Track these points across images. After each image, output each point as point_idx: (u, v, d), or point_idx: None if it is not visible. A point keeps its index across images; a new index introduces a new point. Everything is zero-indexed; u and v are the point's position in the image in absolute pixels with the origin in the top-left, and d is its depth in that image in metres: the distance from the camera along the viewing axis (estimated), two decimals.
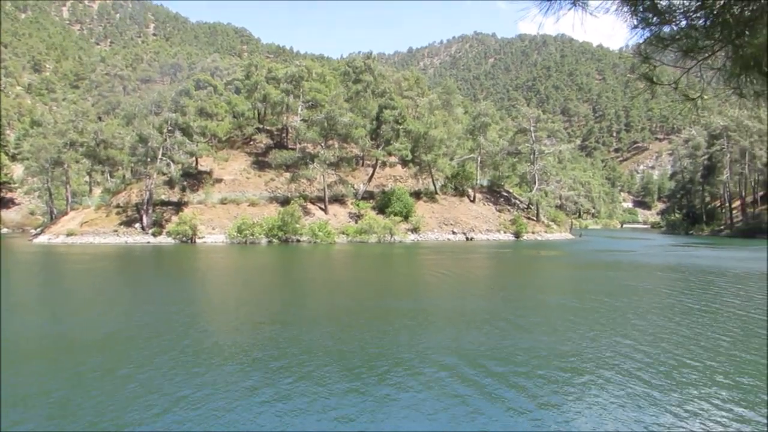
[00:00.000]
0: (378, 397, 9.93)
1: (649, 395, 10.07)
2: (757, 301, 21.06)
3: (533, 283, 30.36)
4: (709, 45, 3.35)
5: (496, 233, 70.78)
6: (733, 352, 13.24)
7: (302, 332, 15.21)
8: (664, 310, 19.50)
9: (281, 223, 57.80)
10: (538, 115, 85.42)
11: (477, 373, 11.44)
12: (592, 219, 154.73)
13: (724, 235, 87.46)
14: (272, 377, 11.07)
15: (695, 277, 30.45)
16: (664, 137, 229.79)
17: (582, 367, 11.97)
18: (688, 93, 3.75)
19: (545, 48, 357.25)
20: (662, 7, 3.37)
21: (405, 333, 15.14)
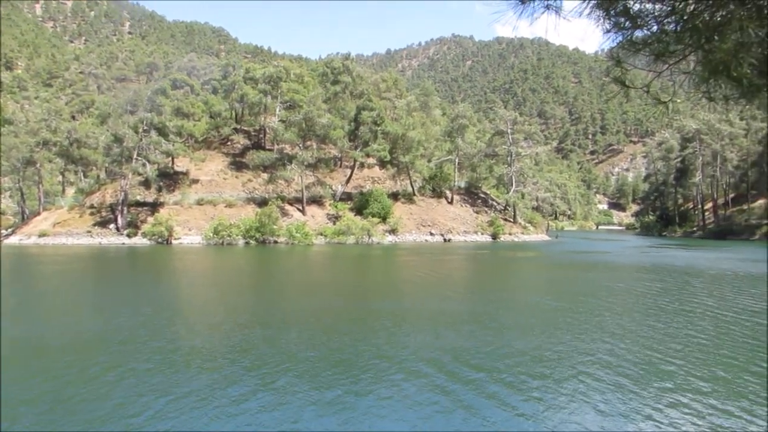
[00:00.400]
0: (359, 398, 9.93)
1: (629, 394, 10.21)
2: (731, 301, 21.47)
3: (511, 284, 30.59)
4: (679, 49, 3.42)
5: (473, 234, 71.16)
6: (710, 351, 13.47)
7: (281, 334, 15.15)
8: (639, 311, 19.78)
9: (258, 224, 57.45)
10: (515, 117, 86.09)
11: (459, 373, 11.50)
12: (568, 220, 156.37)
13: (697, 237, 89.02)
14: (251, 379, 11.00)
15: (670, 277, 30.93)
16: (638, 140, 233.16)
17: (563, 366, 12.09)
18: (659, 96, 3.82)
19: (522, 51, 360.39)
20: (634, 12, 3.43)
21: (385, 335, 15.15)
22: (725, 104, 3.75)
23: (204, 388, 10.37)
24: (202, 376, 11.23)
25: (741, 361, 12.65)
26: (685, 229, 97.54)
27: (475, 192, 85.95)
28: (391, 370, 11.73)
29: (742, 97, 3.79)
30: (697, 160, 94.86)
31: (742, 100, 3.88)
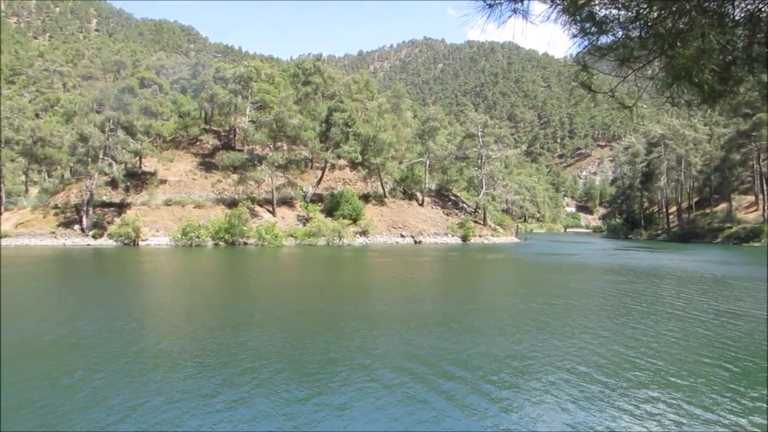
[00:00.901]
0: (330, 400, 9.89)
1: (599, 394, 10.36)
2: (697, 302, 21.94)
3: (483, 285, 30.80)
4: (644, 55, 3.50)
5: (444, 236, 71.54)
6: (679, 350, 13.74)
7: (253, 337, 15.01)
8: (609, 311, 20.09)
9: (228, 226, 56.87)
10: (485, 120, 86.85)
11: (431, 375, 11.53)
12: (537, 223, 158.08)
13: (661, 239, 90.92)
14: (224, 383, 10.88)
15: (637, 279, 31.50)
16: (605, 144, 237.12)
17: (534, 367, 12.22)
18: (624, 101, 3.90)
19: (493, 55, 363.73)
20: (600, 18, 3.49)
21: (357, 337, 15.13)
22: (688, 109, 3.85)
23: (173, 391, 10.22)
24: (171, 379, 11.07)
25: (709, 360, 12.93)
26: (651, 231, 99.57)
27: (446, 194, 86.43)
28: (363, 372, 11.72)
29: (704, 102, 3.89)
30: (662, 165, 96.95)
31: (703, 106, 3.99)
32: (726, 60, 3.79)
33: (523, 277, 34.89)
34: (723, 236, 79.92)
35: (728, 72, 3.82)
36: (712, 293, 25.18)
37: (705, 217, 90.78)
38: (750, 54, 3.86)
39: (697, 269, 37.83)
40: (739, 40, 3.80)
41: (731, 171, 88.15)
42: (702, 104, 3.91)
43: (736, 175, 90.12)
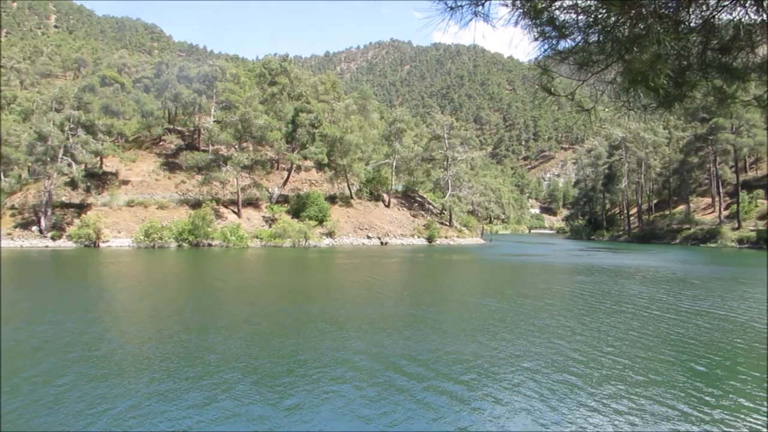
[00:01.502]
0: (300, 403, 9.82)
1: (568, 393, 10.49)
2: (660, 301, 22.43)
3: (450, 286, 30.95)
4: (602, 59, 3.56)
5: (410, 238, 71.80)
6: (640, 350, 14.01)
7: (219, 340, 14.78)
8: (575, 311, 20.38)
9: (192, 227, 56.07)
10: (451, 122, 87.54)
11: (402, 376, 11.53)
12: (502, 224, 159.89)
13: (622, 240, 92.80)
14: (190, 387, 10.70)
15: (601, 278, 32.06)
16: (569, 147, 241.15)
17: (504, 368, 12.31)
18: (583, 104, 3.97)
19: (459, 57, 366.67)
20: (560, 22, 3.55)
21: (326, 339, 15.05)
22: (644, 113, 3.93)
23: (138, 396, 10.02)
24: (137, 383, 10.85)
25: (673, 358, 13.22)
26: (612, 233, 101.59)
27: (412, 195, 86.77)
28: (333, 374, 11.66)
29: (660, 106, 3.98)
30: (623, 167, 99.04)
31: (660, 110, 4.08)
32: (681, 65, 3.89)
33: (490, 277, 35.21)
34: (681, 237, 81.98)
35: (683, 77, 3.92)
36: (674, 292, 25.80)
37: (664, 218, 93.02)
38: (704, 60, 3.96)
39: (659, 269, 38.70)
40: (693, 47, 3.90)
41: (689, 174, 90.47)
42: (658, 108, 4.00)
43: (693, 177, 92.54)
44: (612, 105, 4.06)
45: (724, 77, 4.11)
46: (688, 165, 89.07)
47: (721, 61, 3.98)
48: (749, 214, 76.92)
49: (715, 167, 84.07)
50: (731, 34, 3.92)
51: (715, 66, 3.98)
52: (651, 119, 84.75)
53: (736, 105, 4.74)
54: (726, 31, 3.95)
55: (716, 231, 75.93)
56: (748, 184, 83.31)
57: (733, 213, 78.04)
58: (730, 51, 3.96)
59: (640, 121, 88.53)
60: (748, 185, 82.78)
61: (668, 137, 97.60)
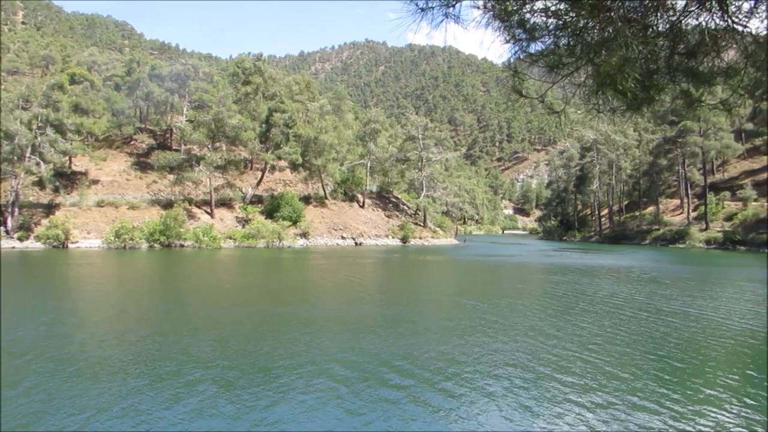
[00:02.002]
0: (274, 404, 9.75)
1: (546, 392, 10.59)
2: (633, 301, 22.77)
3: (425, 287, 31.03)
4: (572, 62, 3.61)
5: (384, 238, 71.86)
6: (614, 347, 14.20)
7: (192, 343, 14.61)
8: (550, 310, 20.59)
9: (164, 227, 55.32)
10: (426, 123, 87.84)
11: (378, 377, 11.53)
12: (476, 225, 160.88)
13: (594, 241, 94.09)
14: (165, 390, 10.55)
15: (574, 278, 32.44)
16: (542, 148, 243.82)
17: (481, 367, 12.38)
18: (553, 106, 4.01)
19: (433, 59, 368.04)
20: (530, 25, 3.58)
21: (302, 340, 14.97)
22: (613, 116, 3.98)
23: (112, 398, 9.85)
24: (111, 387, 10.66)
25: (645, 354, 13.42)
26: (584, 233, 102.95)
27: (387, 196, 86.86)
28: (307, 375, 11.61)
29: (629, 109, 4.05)
30: (594, 169, 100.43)
31: (628, 112, 4.14)
32: (649, 69, 3.95)
33: (465, 278, 35.43)
34: (651, 238, 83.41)
35: (651, 80, 3.98)
36: (646, 292, 26.23)
37: (634, 219, 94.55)
38: (671, 64, 4.03)
39: (631, 269, 39.31)
40: (661, 51, 3.96)
41: (659, 175, 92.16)
42: (627, 111, 4.05)
43: (663, 179, 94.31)
44: (582, 107, 4.11)
45: (690, 81, 4.19)
46: (657, 167, 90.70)
47: (687, 66, 4.06)
48: (716, 215, 78.58)
49: (683, 169, 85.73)
50: (697, 39, 3.99)
51: (681, 70, 4.05)
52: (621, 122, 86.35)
53: (703, 108, 4.84)
54: (692, 36, 4.02)
55: (684, 232, 77.41)
56: (716, 186, 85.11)
57: (701, 214, 79.66)
58: (696, 55, 4.03)
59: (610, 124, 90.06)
60: (715, 187, 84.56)
61: (638, 139, 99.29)
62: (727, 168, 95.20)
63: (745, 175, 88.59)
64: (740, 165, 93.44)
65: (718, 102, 4.60)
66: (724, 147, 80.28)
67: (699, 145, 78.79)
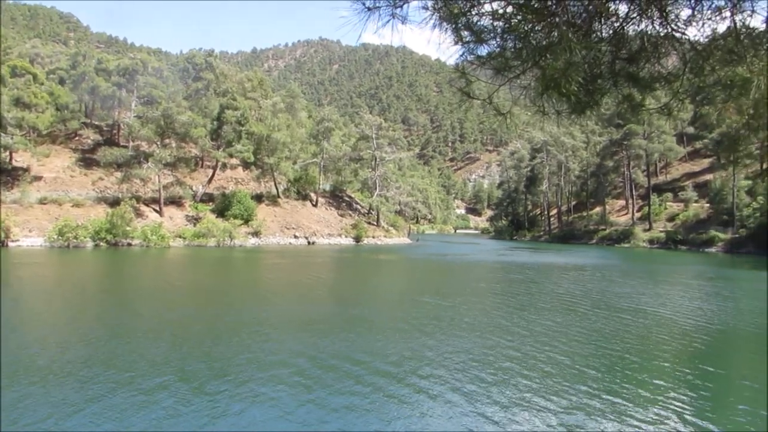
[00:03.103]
0: (228, 407, 9.60)
1: (499, 388, 10.72)
2: (589, 297, 23.33)
3: (380, 286, 31.10)
4: (518, 65, 3.67)
5: (337, 237, 71.71)
6: (568, 342, 14.50)
7: (142, 345, 14.22)
8: (504, 308, 20.89)
9: (110, 226, 53.76)
10: (380, 123, 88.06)
11: (334, 377, 11.49)
12: (429, 224, 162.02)
13: (543, 240, 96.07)
14: (113, 392, 10.26)
15: (527, 277, 33.06)
16: (493, 149, 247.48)
17: (435, 365, 12.46)
18: (500, 108, 4.07)
19: (387, 58, 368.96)
20: (477, 28, 3.63)
21: (254, 341, 14.79)
22: (558, 117, 4.07)
23: (59, 405, 9.52)
24: (60, 389, 10.30)
25: (597, 349, 13.76)
26: (534, 233, 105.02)
27: (340, 195, 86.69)
28: (261, 376, 11.48)
29: (573, 112, 4.15)
30: (544, 170, 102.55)
31: (573, 115, 4.25)
32: (593, 73, 4.06)
33: (420, 276, 35.68)
34: (597, 237, 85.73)
35: (595, 85, 4.09)
36: (598, 289, 26.92)
37: (582, 219, 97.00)
38: (614, 69, 4.15)
39: (583, 267, 40.28)
40: (604, 56, 4.07)
41: (605, 177, 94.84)
42: (572, 113, 4.15)
43: (609, 180, 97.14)
44: (528, 109, 4.19)
45: (632, 86, 4.32)
46: (604, 168, 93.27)
47: (629, 71, 4.18)
48: (659, 216, 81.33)
49: (628, 171, 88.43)
50: (638, 45, 4.11)
51: (623, 75, 4.16)
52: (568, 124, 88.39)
53: (645, 113, 5.01)
54: (634, 42, 4.15)
55: (629, 232, 79.86)
56: (659, 188, 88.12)
57: (644, 215, 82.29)
58: (638, 61, 4.16)
59: (555, 126, 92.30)
60: (658, 188, 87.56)
61: (586, 141, 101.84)
62: (670, 170, 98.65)
63: (686, 177, 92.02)
64: (682, 167, 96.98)
65: (659, 106, 4.75)
66: (666, 150, 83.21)
67: (643, 148, 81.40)
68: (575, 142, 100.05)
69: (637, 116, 75.74)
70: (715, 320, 19.01)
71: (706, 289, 28.54)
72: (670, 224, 77.79)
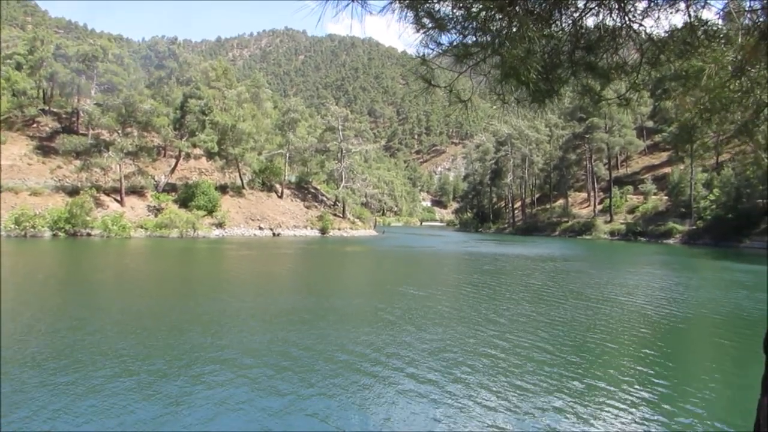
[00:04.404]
0: (199, 402, 9.51)
1: (468, 381, 10.84)
2: (560, 288, 23.71)
3: (347, 278, 31.08)
4: (478, 52, 3.71)
5: (303, 229, 71.39)
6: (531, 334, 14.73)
7: (103, 339, 13.97)
8: (473, 299, 21.10)
9: (69, 215, 52.53)
10: (346, 114, 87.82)
11: (303, 370, 11.46)
12: (395, 216, 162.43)
13: (507, 233, 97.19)
14: (77, 383, 10.06)
15: (495, 268, 33.42)
16: (459, 142, 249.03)
17: (406, 359, 12.53)
18: (460, 95, 4.11)
19: (354, 50, 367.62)
20: (438, 15, 3.65)
21: (225, 334, 14.65)
22: (517, 106, 4.14)
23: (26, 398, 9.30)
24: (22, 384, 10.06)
25: (563, 337, 14.01)
26: (498, 225, 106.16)
27: (306, 187, 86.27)
28: (227, 373, 11.39)
29: (533, 101, 4.22)
30: (508, 163, 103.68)
31: (534, 105, 4.32)
32: (553, 62, 4.13)
33: (387, 268, 35.81)
34: (560, 229, 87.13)
35: (554, 74, 4.16)
36: (564, 279, 27.40)
37: (545, 212, 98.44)
38: (573, 58, 4.23)
39: (550, 258, 40.91)
40: (563, 45, 4.15)
41: (568, 170, 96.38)
42: (532, 102, 4.22)
43: (572, 173, 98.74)
44: (489, 98, 4.24)
45: (591, 76, 4.41)
46: (566, 161, 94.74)
47: (588, 61, 4.26)
48: (620, 208, 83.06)
49: (590, 164, 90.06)
50: (597, 35, 4.20)
51: (582, 65, 4.25)
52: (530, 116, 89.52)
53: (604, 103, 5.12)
54: (593, 33, 4.24)
55: (591, 224, 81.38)
56: (620, 181, 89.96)
57: (606, 207, 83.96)
58: (596, 51, 4.24)
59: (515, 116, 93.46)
60: (619, 181, 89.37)
61: (549, 135, 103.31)
62: (630, 163, 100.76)
63: (646, 170, 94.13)
64: (642, 160, 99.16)
65: (618, 96, 4.87)
66: (627, 143, 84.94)
67: (605, 141, 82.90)
68: (539, 135, 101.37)
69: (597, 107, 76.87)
70: (682, 309, 19.58)
71: (671, 279, 29.31)
72: (630, 216, 79.50)
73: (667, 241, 66.81)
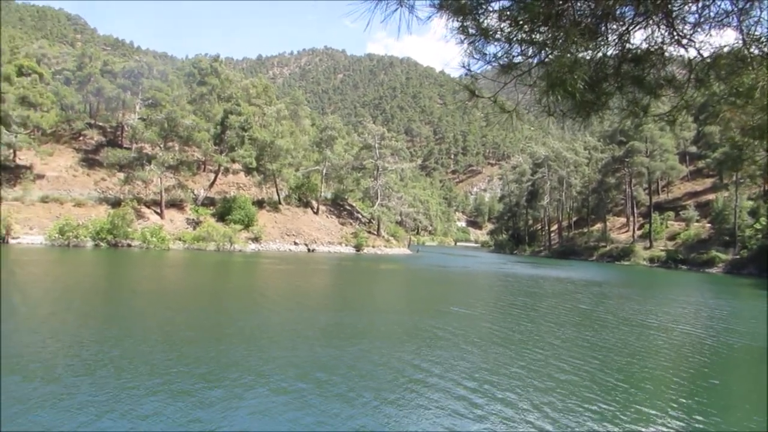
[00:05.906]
0: (228, 412, 9.57)
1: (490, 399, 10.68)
2: (588, 313, 23.29)
3: (385, 295, 31.03)
4: (524, 63, 3.69)
5: (337, 245, 71.66)
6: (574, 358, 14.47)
7: (137, 348, 14.22)
8: (511, 319, 20.85)
9: (111, 226, 53.77)
10: (383, 132, 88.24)
11: (339, 387, 11.45)
12: (429, 236, 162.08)
13: (543, 256, 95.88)
14: (102, 390, 10.24)
15: (533, 291, 32.99)
16: (495, 162, 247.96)
17: (435, 377, 12.43)
18: (504, 106, 4.09)
19: (392, 69, 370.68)
20: (485, 25, 3.65)
21: (257, 348, 14.74)
22: (562, 118, 4.09)
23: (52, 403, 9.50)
24: (52, 390, 10.28)
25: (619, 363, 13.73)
26: (534, 248, 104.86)
27: (341, 203, 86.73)
28: (269, 385, 11.44)
29: (579, 113, 4.16)
30: (545, 185, 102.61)
31: (578, 117, 4.26)
32: (598, 75, 4.08)
33: (423, 286, 35.73)
34: (598, 254, 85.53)
35: (600, 87, 4.11)
36: (611, 305, 26.88)
37: (582, 235, 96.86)
38: (619, 71, 4.17)
39: (596, 283, 40.22)
40: (610, 59, 4.10)
41: (607, 193, 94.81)
42: (577, 114, 4.17)
43: (611, 197, 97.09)
44: (533, 109, 4.20)
45: (637, 90, 4.34)
46: (605, 185, 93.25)
47: (634, 74, 4.20)
48: (660, 234, 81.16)
49: (630, 188, 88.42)
50: (645, 49, 4.14)
51: (629, 78, 4.19)
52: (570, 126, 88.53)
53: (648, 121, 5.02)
54: (641, 46, 4.18)
55: (630, 249, 79.67)
56: (660, 206, 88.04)
57: (645, 233, 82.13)
58: (643, 65, 4.18)
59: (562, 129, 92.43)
60: (659, 207, 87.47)
61: (588, 158, 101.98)
62: (672, 189, 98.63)
63: (688, 196, 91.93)
64: (684, 186, 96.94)
65: (664, 113, 4.77)
66: (669, 168, 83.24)
67: (645, 166, 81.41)
68: (577, 157, 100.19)
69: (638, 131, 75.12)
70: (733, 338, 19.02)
71: (722, 308, 28.51)
72: (670, 243, 77.61)
73: (710, 270, 64.90)
